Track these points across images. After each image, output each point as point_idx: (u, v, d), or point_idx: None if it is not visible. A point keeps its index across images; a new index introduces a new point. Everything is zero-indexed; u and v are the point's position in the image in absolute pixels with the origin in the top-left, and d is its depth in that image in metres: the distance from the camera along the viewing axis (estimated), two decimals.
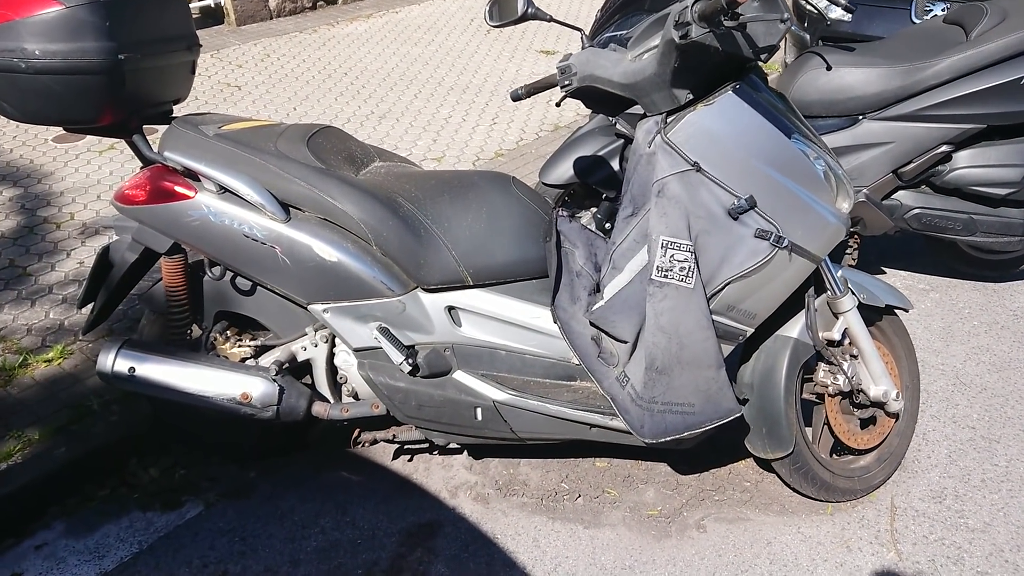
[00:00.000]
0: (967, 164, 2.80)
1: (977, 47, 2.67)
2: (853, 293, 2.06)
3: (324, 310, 1.98)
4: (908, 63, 2.74)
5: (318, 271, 1.93)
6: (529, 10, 2.10)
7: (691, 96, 1.81)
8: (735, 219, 1.80)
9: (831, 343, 2.09)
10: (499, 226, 2.00)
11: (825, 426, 2.18)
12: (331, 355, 2.12)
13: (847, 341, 2.11)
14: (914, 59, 2.74)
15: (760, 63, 1.81)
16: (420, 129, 4.37)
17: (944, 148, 2.79)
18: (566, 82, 2.00)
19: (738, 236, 1.82)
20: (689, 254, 1.79)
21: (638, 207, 1.89)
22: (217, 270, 2.05)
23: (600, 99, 2.02)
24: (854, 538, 2.11)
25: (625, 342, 1.93)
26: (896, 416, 2.22)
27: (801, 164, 1.84)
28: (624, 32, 2.85)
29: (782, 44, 2.78)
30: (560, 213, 2.08)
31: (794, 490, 2.20)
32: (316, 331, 2.10)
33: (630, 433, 1.90)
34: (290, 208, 1.94)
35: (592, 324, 1.97)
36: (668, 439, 1.87)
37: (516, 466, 2.33)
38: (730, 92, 1.77)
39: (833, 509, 2.20)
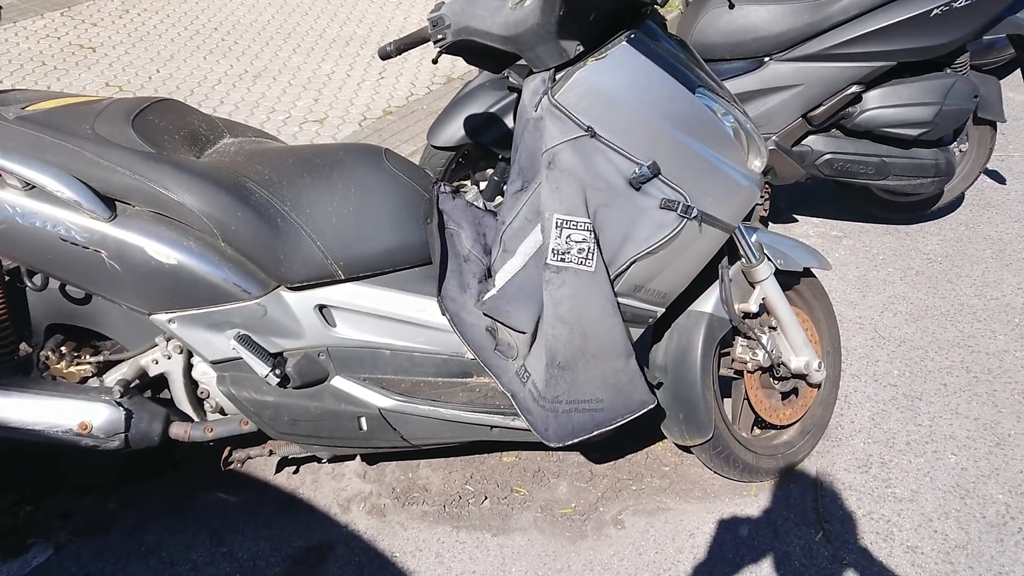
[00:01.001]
0: (877, 104, 2.65)
1: None
2: (769, 259, 1.88)
3: (169, 320, 1.68)
4: None
5: (156, 276, 1.63)
6: None
7: (581, 48, 1.57)
8: (637, 189, 1.58)
9: (748, 315, 1.91)
10: (371, 209, 1.73)
11: (745, 402, 2.01)
12: (188, 367, 1.82)
13: (765, 312, 1.94)
14: None
15: (657, 6, 1.57)
16: (300, 88, 3.99)
17: (854, 88, 2.63)
18: (439, 36, 1.73)
19: (641, 208, 1.60)
20: (588, 233, 1.56)
21: (528, 180, 1.64)
22: (38, 278, 1.72)
23: (481, 54, 1.76)
24: (780, 520, 1.97)
25: (524, 332, 1.70)
26: (818, 386, 2.07)
27: (708, 122, 1.62)
28: None
29: None
30: (442, 190, 1.82)
31: (716, 473, 2.04)
32: (168, 341, 1.80)
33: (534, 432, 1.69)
34: (115, 203, 1.62)
35: (486, 314, 1.74)
36: (576, 440, 1.67)
37: (415, 469, 2.10)
38: (624, 43, 1.52)
39: (757, 489, 2.05)
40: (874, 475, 2.08)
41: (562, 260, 1.57)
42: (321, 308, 1.73)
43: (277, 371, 1.70)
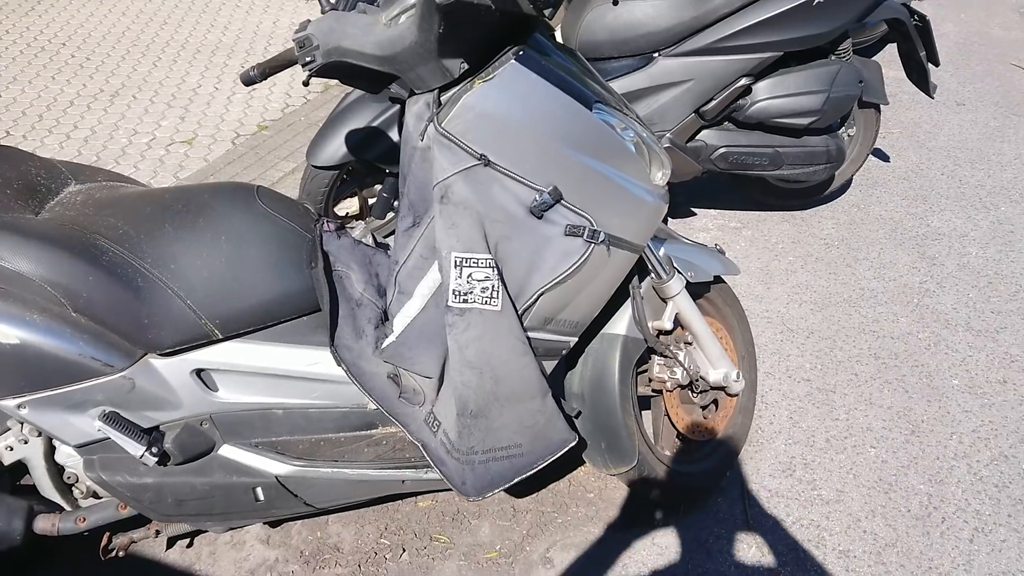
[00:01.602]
0: (767, 96, 2.62)
1: None
2: (680, 273, 1.79)
3: (19, 406, 1.45)
4: None
5: None
6: None
7: (466, 67, 1.43)
8: (539, 218, 1.46)
9: (662, 332, 1.83)
10: (246, 257, 1.54)
11: (666, 419, 1.94)
12: (51, 449, 1.60)
13: (679, 327, 1.85)
14: None
15: (543, 18, 1.45)
16: (164, 105, 3.70)
17: (744, 81, 2.59)
18: (307, 59, 1.56)
19: (545, 237, 1.48)
20: (491, 270, 1.43)
21: (419, 215, 1.50)
22: None
23: (356, 74, 1.60)
24: (711, 538, 1.90)
25: (429, 377, 1.56)
26: (737, 395, 2.01)
27: (608, 139, 1.51)
28: None
29: None
30: (325, 228, 1.65)
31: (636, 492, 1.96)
32: (23, 423, 1.57)
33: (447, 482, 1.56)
34: None
35: (386, 361, 1.59)
36: (496, 491, 1.54)
37: (324, 527, 1.92)
38: (512, 61, 1.39)
39: (685, 507, 1.98)
40: (799, 478, 2.05)
41: (465, 301, 1.43)
42: (199, 372, 1.53)
43: (154, 449, 1.50)
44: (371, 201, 2.96)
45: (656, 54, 2.57)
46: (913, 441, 2.15)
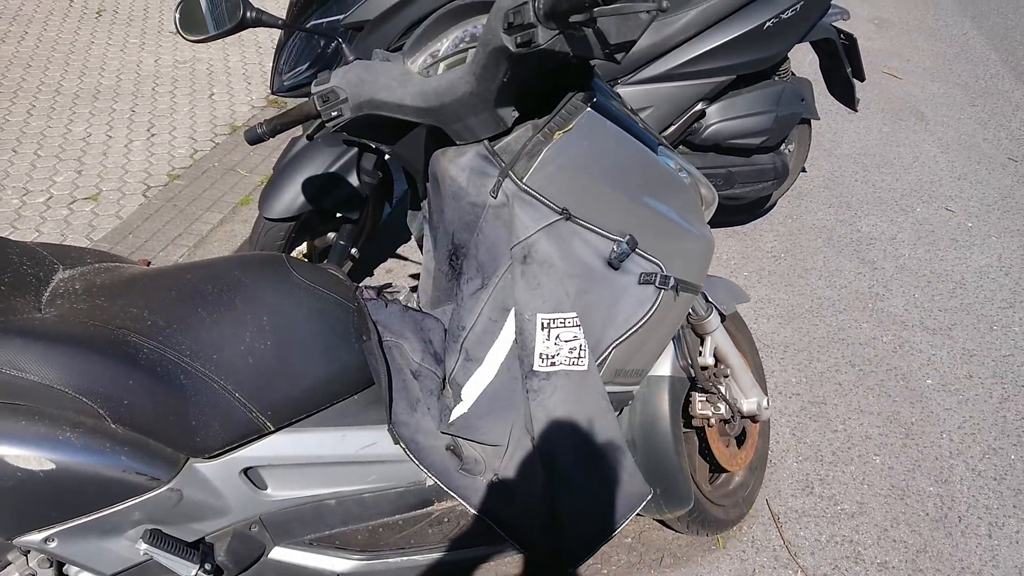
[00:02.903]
0: (720, 118, 2.67)
1: None
2: (716, 308, 1.78)
3: (46, 539, 1.23)
4: None
5: (23, 492, 1.18)
6: (249, 14, 1.48)
7: (516, 114, 1.35)
8: (616, 268, 1.39)
9: (703, 368, 1.80)
10: (293, 336, 1.38)
11: (700, 454, 1.91)
12: None
13: (716, 361, 1.84)
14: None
15: (616, 63, 1.39)
16: (53, 158, 3.33)
17: (700, 105, 2.63)
18: (334, 113, 1.44)
19: (621, 288, 1.42)
20: (577, 329, 1.35)
21: (488, 277, 1.39)
22: None
23: (380, 127, 1.49)
24: (756, 568, 1.89)
25: (497, 445, 1.46)
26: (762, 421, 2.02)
27: (671, 181, 1.47)
28: (340, 17, 2.26)
29: None
30: (367, 296, 1.51)
31: (682, 533, 1.92)
32: (27, 553, 1.34)
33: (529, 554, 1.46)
34: None
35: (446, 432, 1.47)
36: (589, 557, 1.46)
37: None
38: (589, 109, 1.32)
39: (723, 540, 1.96)
40: (819, 495, 2.07)
41: (552, 364, 1.35)
42: (247, 471, 1.36)
43: (207, 566, 1.32)
44: (321, 247, 2.79)
45: (614, 82, 2.56)
46: (910, 444, 2.23)
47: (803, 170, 3.61)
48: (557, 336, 1.34)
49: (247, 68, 4.32)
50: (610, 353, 1.45)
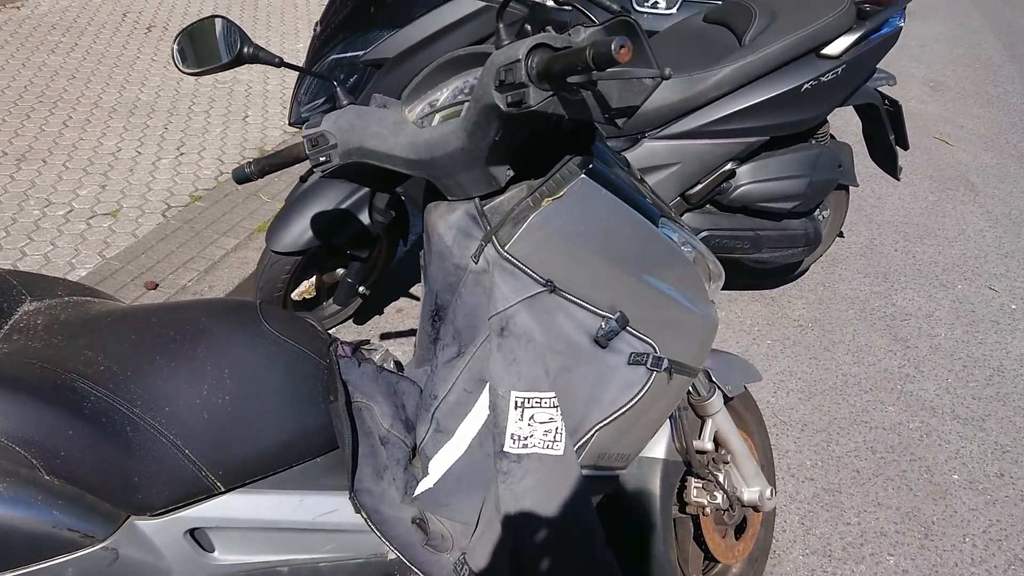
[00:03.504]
0: (750, 179, 2.56)
1: (754, 53, 2.40)
2: (719, 388, 1.66)
3: None
4: (686, 73, 2.41)
5: None
6: (247, 50, 1.43)
7: (511, 173, 1.26)
8: (603, 347, 1.29)
9: (700, 452, 1.68)
10: (254, 392, 1.30)
11: (693, 543, 1.78)
12: None
13: (715, 445, 1.72)
14: (691, 69, 2.42)
15: (617, 128, 1.30)
16: (80, 171, 3.34)
17: (730, 165, 2.52)
18: (322, 158, 1.38)
19: (608, 367, 1.31)
20: (554, 410, 1.25)
21: (465, 345, 1.30)
22: None
23: (371, 174, 1.42)
24: None
25: (465, 523, 1.36)
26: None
27: (672, 256, 1.37)
28: (360, 53, 2.21)
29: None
30: (341, 352, 1.42)
31: None
32: None
33: None
34: None
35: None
36: None
37: None
38: (583, 176, 1.23)
39: None
40: None
41: (524, 446, 1.25)
42: (193, 532, 1.28)
43: None
44: (329, 283, 2.73)
45: (642, 136, 2.47)
46: (928, 546, 2.07)
47: (840, 235, 3.46)
48: (531, 417, 1.24)
49: (285, 92, 4.32)
50: (593, 435, 1.34)
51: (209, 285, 2.73)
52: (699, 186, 2.52)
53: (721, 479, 1.69)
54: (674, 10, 3.87)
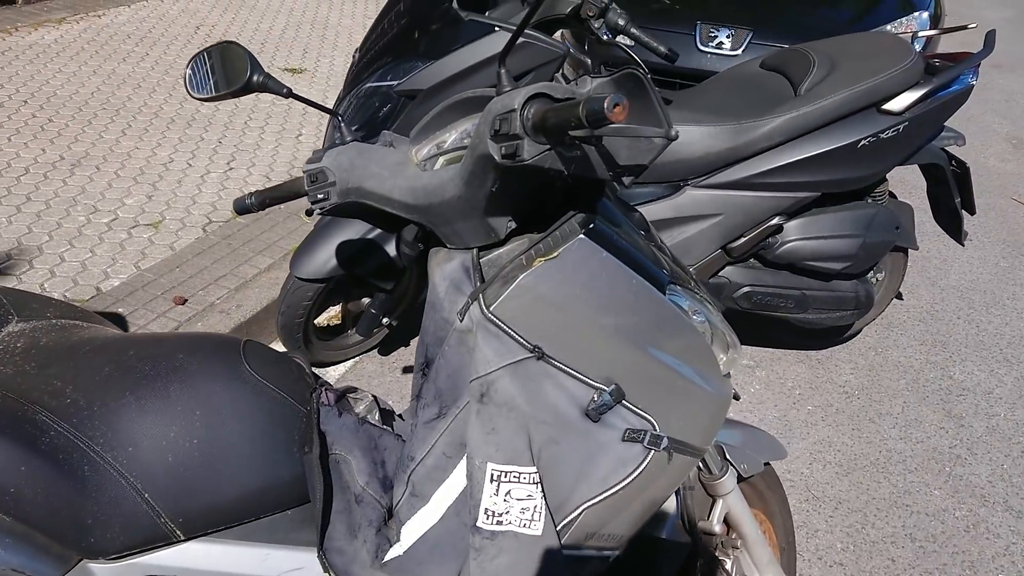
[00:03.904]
0: (799, 236, 2.42)
1: (809, 104, 2.27)
2: (732, 465, 1.53)
3: None
4: (735, 121, 2.29)
5: None
6: (256, 78, 1.38)
7: (513, 225, 1.18)
8: (595, 421, 1.19)
9: (708, 533, 1.55)
10: (225, 437, 1.23)
11: None
12: None
13: (726, 526, 1.59)
14: (741, 116, 2.30)
15: (623, 186, 1.21)
16: (130, 180, 3.38)
17: (777, 220, 2.39)
18: (320, 195, 1.32)
19: (600, 443, 1.20)
20: (534, 487, 1.15)
21: (446, 406, 1.22)
22: None
23: (373, 214, 1.35)
24: None
25: None
26: None
27: (679, 326, 1.26)
28: (395, 82, 2.16)
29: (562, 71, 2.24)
30: (323, 401, 1.35)
31: None
32: None
33: None
34: None
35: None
36: None
37: None
38: (581, 236, 1.14)
39: None
40: None
41: (499, 523, 1.15)
42: None
43: None
44: (355, 311, 2.68)
45: (685, 184, 2.36)
46: None
47: (898, 297, 3.27)
48: (508, 492, 1.14)
49: None
50: (581, 514, 1.23)
51: (237, 304, 2.71)
52: (743, 239, 2.40)
53: (729, 566, 1.55)
54: (739, 51, 3.75)
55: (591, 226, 1.14)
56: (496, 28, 2.05)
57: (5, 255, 2.79)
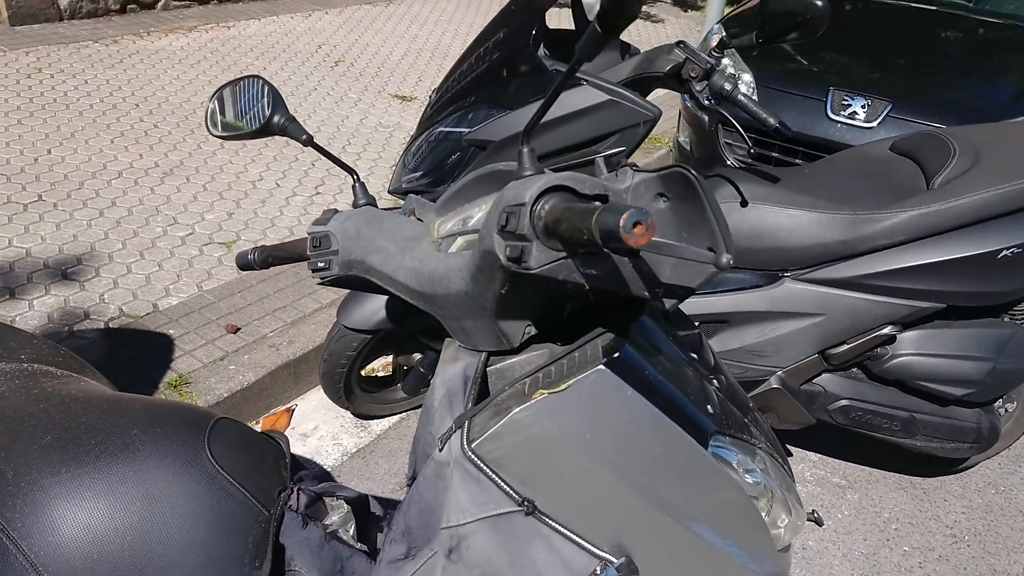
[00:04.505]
0: (914, 351, 2.07)
1: (943, 201, 1.93)
2: None
3: None
4: (850, 211, 1.98)
5: None
6: (277, 120, 1.23)
7: (532, 331, 0.96)
8: None
9: None
10: (163, 538, 1.05)
11: None
12: None
13: None
14: (859, 206, 1.98)
15: (660, 306, 0.96)
16: (216, 195, 3.34)
17: (889, 329, 2.05)
18: (320, 263, 1.14)
19: None
20: None
21: (416, 547, 0.99)
22: None
23: (384, 290, 1.16)
24: None
25: None
26: None
27: (721, 487, 0.98)
28: (464, 131, 1.97)
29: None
30: (291, 505, 1.15)
31: None
32: None
33: None
34: None
35: None
36: None
37: None
38: (601, 368, 0.89)
39: None
40: None
41: None
42: None
43: None
44: (406, 367, 2.50)
45: (784, 274, 2.06)
46: None
47: None
48: None
49: None
50: None
51: (290, 340, 2.57)
52: (845, 346, 2.06)
53: None
54: (874, 124, 3.39)
55: (616, 355, 0.89)
56: (583, 82, 1.83)
57: (75, 259, 2.77)
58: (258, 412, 2.44)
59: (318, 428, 2.46)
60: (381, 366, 2.71)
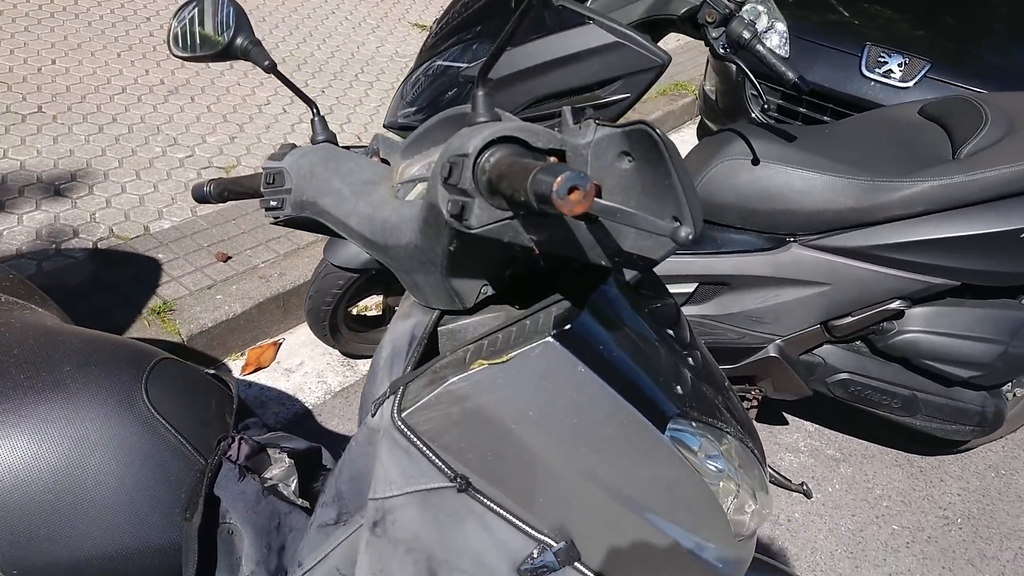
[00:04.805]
0: (922, 328, 1.97)
1: (968, 172, 1.81)
2: None
3: None
4: (868, 176, 1.86)
5: None
6: (240, 42, 1.14)
7: (489, 291, 0.88)
8: None
9: None
10: (92, 483, 1.00)
11: None
12: None
13: None
14: (877, 171, 1.86)
15: (620, 278, 0.87)
16: (220, 116, 3.25)
17: (897, 304, 1.94)
18: (273, 202, 1.06)
19: None
20: None
21: (347, 512, 0.93)
22: None
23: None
24: None
25: None
26: None
27: (677, 474, 0.91)
28: (461, 66, 1.86)
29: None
30: (228, 456, 1.09)
31: None
32: None
33: None
34: None
35: None
36: None
37: None
38: (549, 340, 0.80)
39: None
40: None
41: None
42: None
43: None
44: (394, 305, 2.43)
45: (791, 238, 1.95)
46: None
47: None
48: None
49: None
50: None
51: (281, 272, 2.51)
52: (850, 318, 1.97)
53: None
54: (910, 84, 3.21)
55: (567, 327, 0.80)
56: (589, 20, 1.71)
57: (69, 175, 2.71)
58: (244, 344, 2.39)
59: (303, 364, 2.41)
60: (373, 305, 2.65)
